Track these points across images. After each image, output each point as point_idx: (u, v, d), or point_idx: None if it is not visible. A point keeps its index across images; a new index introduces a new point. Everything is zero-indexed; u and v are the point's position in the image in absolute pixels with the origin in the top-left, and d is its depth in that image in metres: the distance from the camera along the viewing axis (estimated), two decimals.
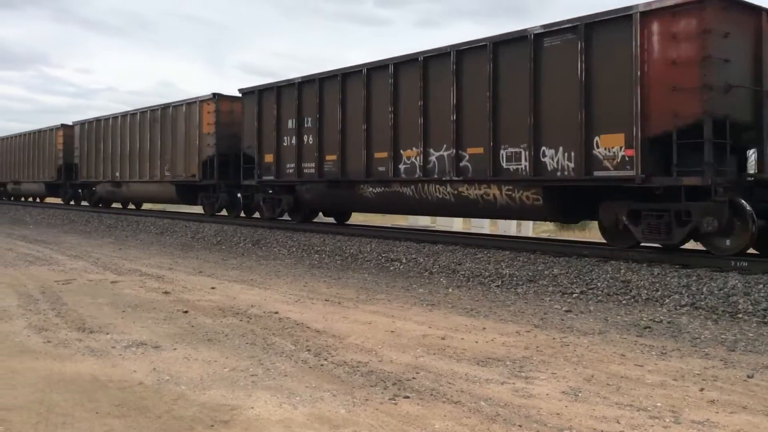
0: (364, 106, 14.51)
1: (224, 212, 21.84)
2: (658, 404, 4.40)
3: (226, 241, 16.14)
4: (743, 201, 9.39)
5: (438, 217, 24.18)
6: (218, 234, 17.24)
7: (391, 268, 11.64)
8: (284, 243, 14.99)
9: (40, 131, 32.34)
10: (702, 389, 4.77)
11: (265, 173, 17.87)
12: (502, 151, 11.72)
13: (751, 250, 9.84)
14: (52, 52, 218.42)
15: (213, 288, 9.26)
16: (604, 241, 11.36)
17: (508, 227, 21.44)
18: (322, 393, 4.56)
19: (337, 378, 4.95)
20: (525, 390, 4.70)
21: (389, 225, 21.98)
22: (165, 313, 7.37)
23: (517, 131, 11.45)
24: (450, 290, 9.44)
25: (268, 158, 17.75)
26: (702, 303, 7.94)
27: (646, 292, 8.57)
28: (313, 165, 16.12)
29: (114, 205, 29.92)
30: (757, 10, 10.05)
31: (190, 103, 21.53)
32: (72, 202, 31.43)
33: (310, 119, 16.28)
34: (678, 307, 7.95)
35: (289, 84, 16.97)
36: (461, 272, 10.63)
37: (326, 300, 8.42)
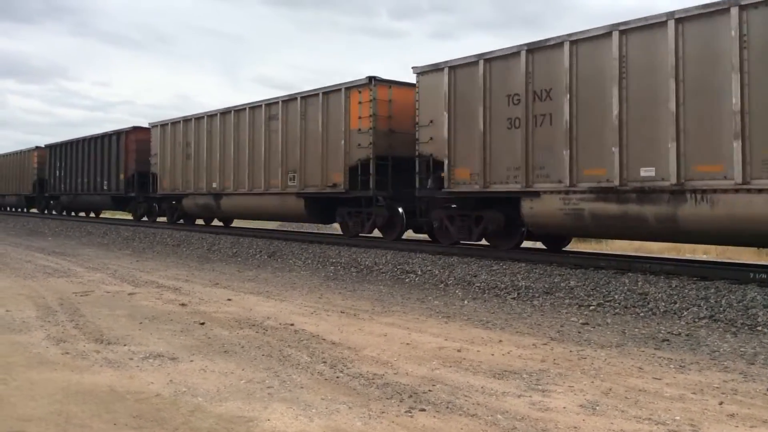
0: None
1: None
2: (677, 418, 4.36)
3: (242, 253, 16.20)
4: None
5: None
6: (234, 246, 17.30)
7: (407, 279, 11.63)
8: (299, 255, 15.02)
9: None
10: (721, 403, 4.71)
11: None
12: None
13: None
14: (70, 66, 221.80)
15: (229, 300, 9.29)
16: (622, 252, 11.27)
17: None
18: (338, 405, 4.55)
19: (353, 390, 4.94)
20: (542, 403, 4.66)
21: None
22: (182, 325, 7.40)
23: None
24: (466, 302, 9.40)
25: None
26: (721, 315, 7.86)
27: (664, 304, 8.50)
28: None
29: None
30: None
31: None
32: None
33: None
34: (696, 320, 7.87)
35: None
36: (477, 284, 10.59)
37: (342, 312, 8.42)
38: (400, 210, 15.76)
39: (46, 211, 37.87)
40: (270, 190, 18.79)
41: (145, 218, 27.54)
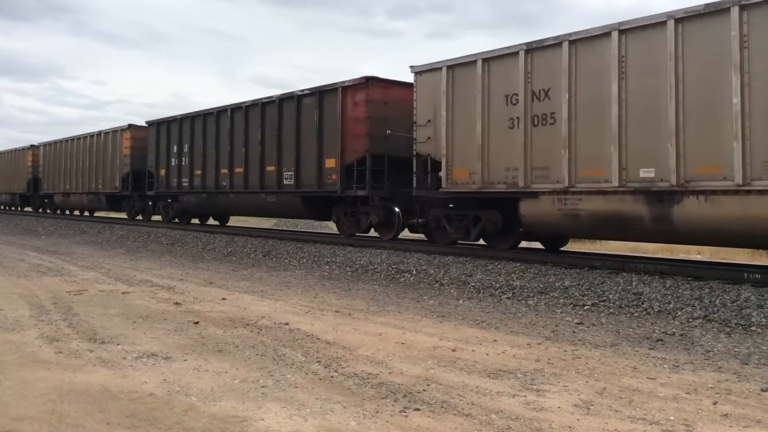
0: None
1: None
2: (671, 418, 4.36)
3: (236, 252, 16.17)
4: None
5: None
6: (229, 245, 17.28)
7: (402, 279, 11.62)
8: (294, 254, 15.00)
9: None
10: (715, 403, 4.72)
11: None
12: None
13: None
14: (67, 65, 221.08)
15: (224, 299, 9.27)
16: (617, 252, 11.28)
17: None
18: (332, 405, 4.55)
19: (348, 390, 4.93)
20: (536, 403, 4.66)
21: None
22: (176, 324, 7.38)
23: None
24: (461, 302, 9.41)
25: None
26: (715, 315, 7.88)
27: (658, 304, 8.51)
28: None
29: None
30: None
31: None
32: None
33: None
34: (690, 320, 7.88)
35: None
36: (472, 284, 10.60)
37: (336, 311, 8.41)
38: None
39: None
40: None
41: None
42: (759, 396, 4.93)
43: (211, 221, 25.93)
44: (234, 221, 26.90)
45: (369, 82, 15.48)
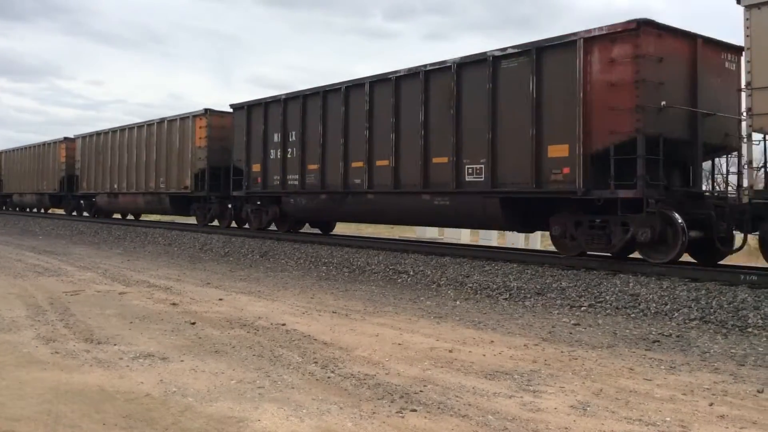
0: None
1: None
2: (667, 419, 4.37)
3: (233, 253, 16.16)
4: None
5: (446, 229, 25.04)
6: (226, 245, 17.26)
7: (399, 280, 11.62)
8: (292, 255, 15.00)
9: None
10: (711, 404, 4.73)
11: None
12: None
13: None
14: (64, 65, 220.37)
15: (221, 299, 9.27)
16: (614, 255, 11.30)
17: (516, 240, 21.39)
18: (329, 406, 4.54)
19: (344, 390, 4.93)
20: (533, 404, 4.67)
21: (397, 237, 21.98)
22: (172, 325, 7.38)
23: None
24: (458, 303, 9.41)
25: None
26: (711, 317, 7.89)
27: (655, 305, 8.52)
28: None
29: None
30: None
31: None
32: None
33: None
34: (687, 321, 7.90)
35: None
36: (469, 285, 10.60)
37: (333, 312, 8.41)
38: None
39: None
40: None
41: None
42: (755, 397, 4.94)
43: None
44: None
45: (641, 28, 10.36)
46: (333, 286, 11.06)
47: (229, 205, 21.11)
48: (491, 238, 22.36)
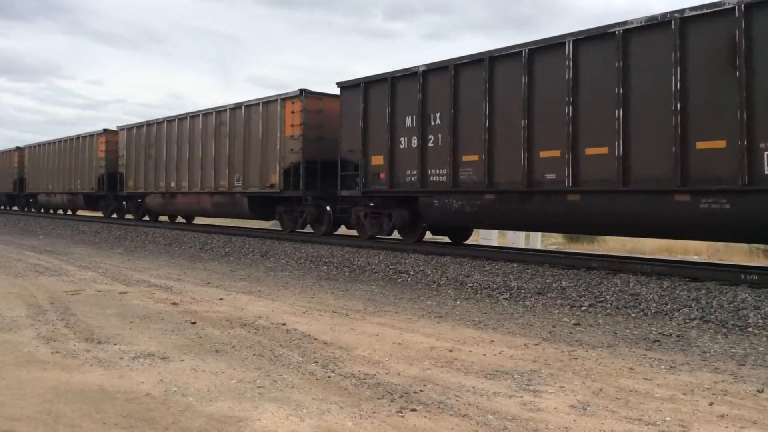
0: None
1: None
2: (667, 418, 4.37)
3: (234, 252, 16.16)
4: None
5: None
6: (227, 245, 17.26)
7: (399, 279, 11.63)
8: (292, 254, 15.00)
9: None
10: (712, 403, 4.73)
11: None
12: None
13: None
14: (63, 65, 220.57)
15: (221, 299, 9.27)
16: (614, 253, 11.30)
17: (517, 239, 21.40)
18: (329, 405, 4.55)
19: (344, 390, 4.93)
20: (533, 403, 4.67)
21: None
22: (173, 324, 7.38)
23: None
24: (458, 302, 9.41)
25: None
26: (712, 316, 7.89)
27: (655, 305, 8.52)
28: None
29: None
30: None
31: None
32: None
33: None
34: (687, 321, 7.90)
35: None
36: (469, 284, 10.60)
37: (334, 312, 8.41)
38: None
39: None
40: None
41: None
42: (755, 397, 4.94)
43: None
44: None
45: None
46: (333, 285, 11.06)
47: (327, 208, 17.52)
48: (491, 237, 22.37)
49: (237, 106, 19.77)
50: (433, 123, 13.68)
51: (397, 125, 14.44)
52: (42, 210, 36.93)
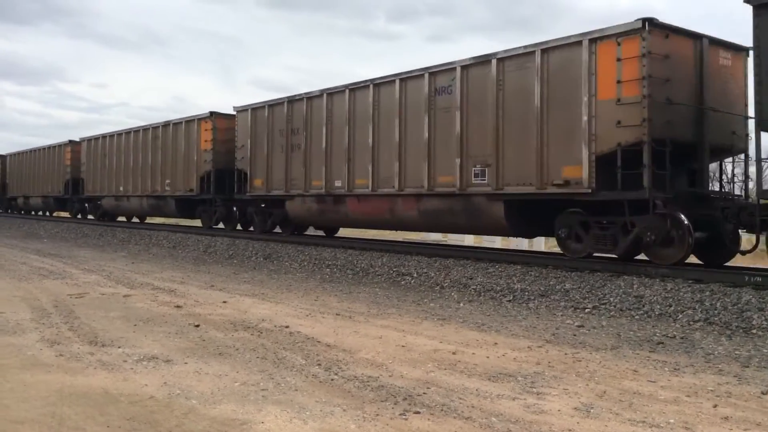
0: None
1: None
2: (671, 421, 4.36)
3: (237, 255, 16.18)
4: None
5: (449, 233, 24.70)
6: (230, 248, 17.28)
7: (402, 282, 11.62)
8: (296, 257, 15.01)
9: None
10: (715, 405, 4.72)
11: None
12: None
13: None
14: (67, 68, 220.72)
15: (224, 302, 9.28)
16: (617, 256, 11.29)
17: (520, 242, 21.35)
18: (332, 408, 4.55)
19: (348, 393, 4.93)
20: (536, 406, 4.66)
21: (400, 239, 21.97)
22: (176, 327, 7.39)
23: None
24: (461, 305, 9.40)
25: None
26: (715, 318, 7.87)
27: (659, 307, 8.51)
28: None
29: None
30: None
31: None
32: None
33: None
34: (691, 323, 7.88)
35: None
36: (472, 287, 10.60)
37: (337, 314, 8.41)
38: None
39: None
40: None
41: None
42: (759, 399, 4.93)
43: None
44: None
45: None
46: (337, 288, 11.06)
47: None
48: (495, 240, 22.33)
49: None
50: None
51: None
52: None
